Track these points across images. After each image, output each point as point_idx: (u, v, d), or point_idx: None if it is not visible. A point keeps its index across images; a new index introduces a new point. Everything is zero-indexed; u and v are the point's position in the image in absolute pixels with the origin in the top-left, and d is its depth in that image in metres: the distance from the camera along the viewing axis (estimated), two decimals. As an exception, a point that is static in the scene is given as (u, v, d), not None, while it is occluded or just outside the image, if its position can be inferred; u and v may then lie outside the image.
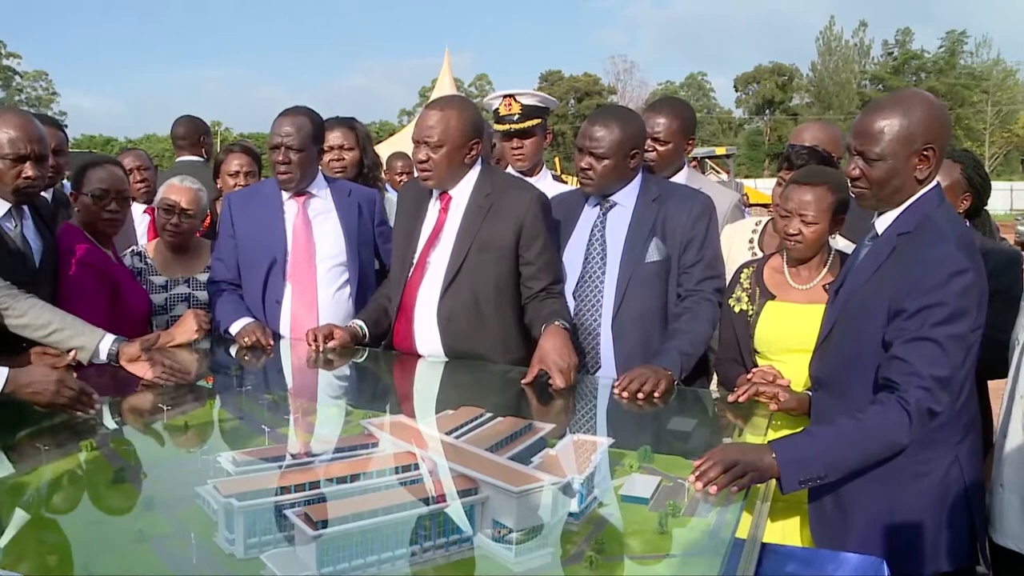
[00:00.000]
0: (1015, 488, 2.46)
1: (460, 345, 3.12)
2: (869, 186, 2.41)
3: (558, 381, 2.74)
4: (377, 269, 3.80)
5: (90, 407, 2.43)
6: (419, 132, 3.09)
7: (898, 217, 2.40)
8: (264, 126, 3.61)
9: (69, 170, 4.11)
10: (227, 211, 3.63)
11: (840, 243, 3.07)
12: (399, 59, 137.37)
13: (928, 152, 2.34)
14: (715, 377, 3.14)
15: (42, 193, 3.58)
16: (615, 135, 3.07)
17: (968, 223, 3.34)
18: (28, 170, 2.86)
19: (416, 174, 3.19)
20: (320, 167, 4.05)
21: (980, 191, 3.45)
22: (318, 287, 3.52)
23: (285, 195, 3.57)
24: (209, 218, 4.22)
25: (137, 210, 4.50)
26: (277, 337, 3.44)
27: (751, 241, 3.42)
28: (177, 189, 3.64)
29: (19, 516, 1.79)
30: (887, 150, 2.35)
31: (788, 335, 2.80)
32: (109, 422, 2.31)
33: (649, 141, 3.58)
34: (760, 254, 3.29)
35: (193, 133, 5.55)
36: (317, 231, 3.56)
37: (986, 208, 3.65)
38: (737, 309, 2.94)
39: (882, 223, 2.45)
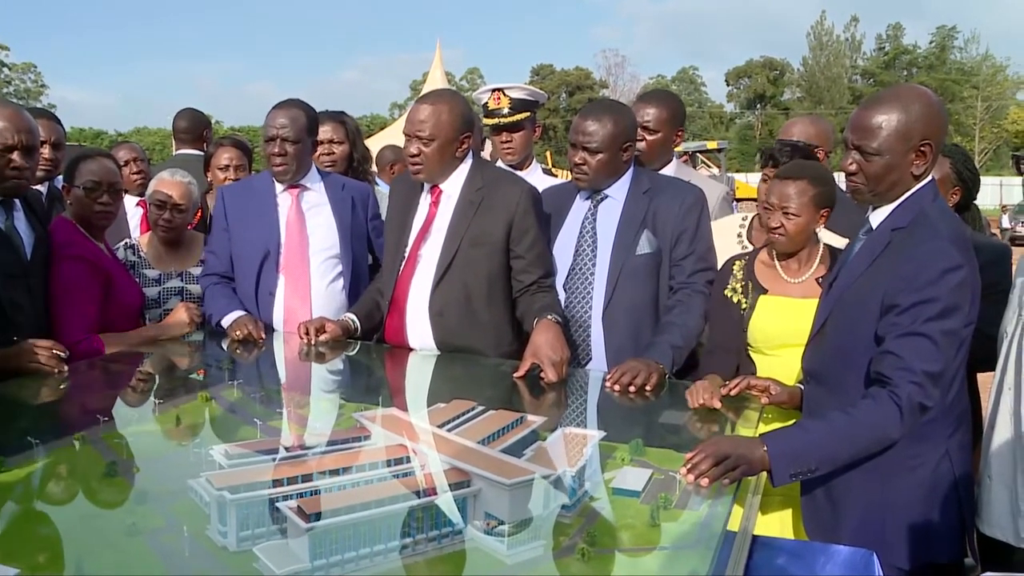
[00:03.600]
0: (1002, 479, 2.48)
1: (451, 339, 3.12)
2: (866, 181, 2.41)
3: (550, 375, 2.75)
4: (370, 263, 3.80)
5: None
6: (410, 126, 3.09)
7: (892, 212, 2.41)
8: (256, 120, 3.61)
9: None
10: (220, 204, 3.63)
11: (836, 241, 3.07)
12: (390, 53, 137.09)
13: (925, 148, 2.34)
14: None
15: (36, 187, 3.57)
16: (608, 129, 3.08)
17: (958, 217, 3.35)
18: (16, 160, 2.84)
19: (409, 167, 3.18)
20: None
21: (969, 185, 3.47)
22: (311, 280, 3.52)
23: (279, 188, 3.57)
24: (200, 212, 4.21)
25: (130, 203, 4.48)
26: (269, 330, 3.44)
27: (739, 236, 3.43)
28: (168, 183, 3.63)
29: (11, 510, 1.80)
30: (884, 145, 2.35)
31: (782, 330, 2.81)
32: (101, 416, 2.30)
33: (639, 130, 3.59)
34: (750, 249, 3.29)
35: (196, 127, 5.52)
36: (310, 224, 3.56)
37: (975, 202, 3.67)
38: (735, 300, 2.94)
39: (876, 217, 2.45)
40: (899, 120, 2.33)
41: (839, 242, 3.11)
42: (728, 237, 3.40)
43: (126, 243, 3.71)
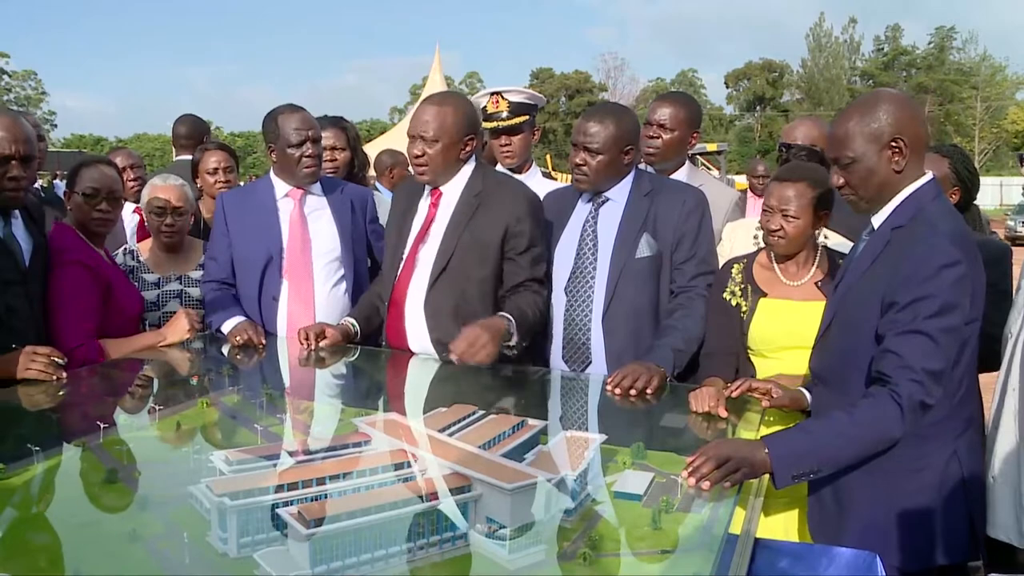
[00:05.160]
0: (1007, 480, 2.48)
1: (448, 339, 3.10)
2: (854, 191, 2.44)
3: (452, 352, 2.79)
4: (369, 267, 3.80)
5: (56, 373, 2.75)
6: (415, 126, 3.09)
7: (893, 212, 2.41)
8: (254, 125, 3.63)
9: (44, 169, 4.10)
10: (220, 210, 3.63)
11: (840, 241, 3.07)
12: (389, 57, 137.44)
13: (898, 144, 2.35)
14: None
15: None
16: (611, 131, 3.07)
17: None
18: (13, 170, 2.84)
19: (413, 168, 3.17)
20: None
21: (968, 185, 3.46)
22: (315, 283, 3.53)
23: (279, 193, 3.58)
24: (192, 217, 4.21)
25: (126, 209, 4.48)
26: (269, 335, 3.44)
27: (755, 238, 3.42)
28: (162, 188, 3.64)
29: (11, 517, 1.79)
30: (858, 151, 2.38)
31: (783, 332, 2.81)
32: (101, 422, 2.30)
33: (655, 128, 3.61)
34: None
35: (196, 132, 5.53)
36: (312, 228, 3.57)
37: (976, 203, 3.66)
38: (733, 303, 2.94)
39: (878, 218, 2.45)
40: (863, 123, 2.37)
41: (843, 242, 3.10)
42: (744, 240, 3.39)
43: (125, 248, 3.71)
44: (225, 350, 3.31)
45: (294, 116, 3.52)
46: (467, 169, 3.18)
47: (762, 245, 3.32)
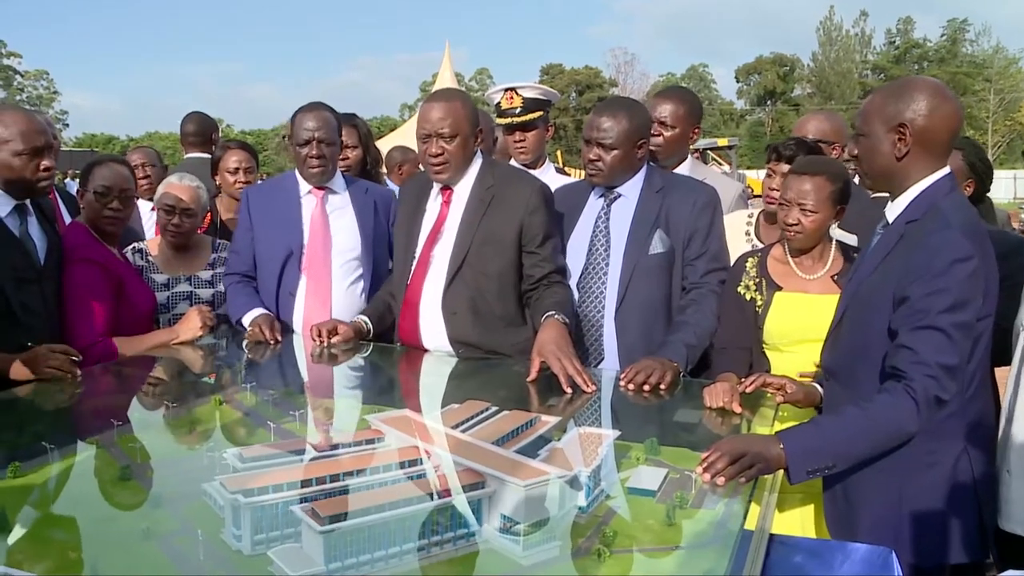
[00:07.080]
0: (1021, 474, 2.45)
1: (466, 337, 3.11)
2: (860, 164, 2.46)
3: (556, 369, 2.72)
4: (389, 268, 3.80)
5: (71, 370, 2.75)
6: (430, 126, 3.05)
7: (908, 206, 2.39)
8: (264, 123, 3.64)
9: (57, 168, 4.16)
10: (245, 205, 3.65)
11: (842, 237, 3.06)
12: (396, 54, 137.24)
13: (903, 130, 2.32)
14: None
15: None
16: (623, 125, 3.07)
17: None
18: (46, 161, 2.93)
19: (431, 169, 3.14)
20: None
21: (982, 177, 3.45)
22: (332, 281, 3.54)
23: (303, 190, 3.59)
24: (209, 216, 4.22)
25: (145, 207, 4.49)
26: (287, 331, 3.45)
27: (747, 234, 3.41)
28: (177, 188, 3.64)
29: (26, 514, 1.80)
30: (868, 127, 2.39)
31: (800, 326, 2.80)
32: (115, 420, 2.31)
33: (655, 126, 3.58)
34: (759, 245, 3.27)
35: (204, 130, 5.54)
36: (334, 226, 3.58)
37: (989, 196, 3.65)
38: (748, 297, 2.93)
39: (892, 212, 2.44)
40: (885, 101, 2.37)
41: (845, 238, 3.10)
42: (737, 235, 3.39)
43: (134, 247, 3.71)
44: (240, 345, 3.33)
45: (307, 115, 3.53)
46: (475, 165, 3.18)
47: (754, 240, 3.32)
